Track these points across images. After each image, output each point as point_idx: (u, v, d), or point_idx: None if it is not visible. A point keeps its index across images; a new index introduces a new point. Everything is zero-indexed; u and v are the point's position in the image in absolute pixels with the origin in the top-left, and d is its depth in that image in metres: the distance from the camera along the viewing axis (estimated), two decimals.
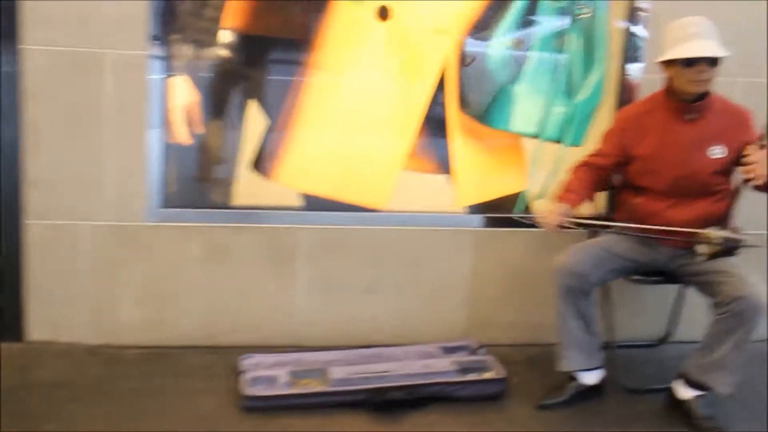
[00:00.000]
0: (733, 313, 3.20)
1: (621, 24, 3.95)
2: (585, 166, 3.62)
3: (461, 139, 3.95)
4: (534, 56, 3.92)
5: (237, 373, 3.56)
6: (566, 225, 3.39)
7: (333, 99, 3.81)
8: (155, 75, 3.61)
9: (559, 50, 3.94)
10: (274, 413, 3.27)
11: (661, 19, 3.62)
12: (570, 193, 3.50)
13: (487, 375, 3.60)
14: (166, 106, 3.67)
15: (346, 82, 3.80)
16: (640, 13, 3.92)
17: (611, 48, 3.98)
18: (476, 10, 3.84)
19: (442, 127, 3.92)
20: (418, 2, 3.78)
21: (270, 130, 3.78)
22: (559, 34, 3.92)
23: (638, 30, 3.94)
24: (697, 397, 3.38)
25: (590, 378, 3.52)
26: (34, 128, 3.56)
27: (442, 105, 3.90)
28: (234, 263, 3.82)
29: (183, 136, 3.72)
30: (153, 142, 3.67)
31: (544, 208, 3.42)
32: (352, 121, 3.84)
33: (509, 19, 3.87)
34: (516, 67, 3.92)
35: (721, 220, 3.44)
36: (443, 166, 3.97)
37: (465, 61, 3.86)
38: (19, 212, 3.62)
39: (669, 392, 3.49)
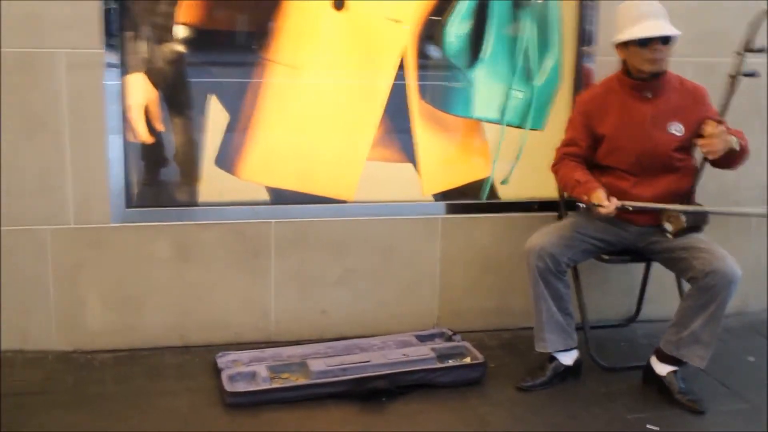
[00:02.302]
0: (705, 288, 3.27)
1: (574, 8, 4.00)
2: (566, 159, 3.61)
3: (424, 127, 3.95)
4: (491, 42, 3.93)
5: (213, 371, 3.51)
6: (621, 208, 3.37)
7: (294, 91, 3.78)
8: (111, 73, 3.53)
9: (515, 35, 3.97)
10: (257, 409, 3.23)
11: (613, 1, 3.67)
12: (590, 183, 3.44)
13: (466, 360, 3.62)
14: (124, 105, 3.59)
15: (305, 73, 3.77)
16: None
17: (566, 32, 4.02)
18: None
19: (404, 116, 3.92)
20: None
21: (232, 126, 3.73)
22: (515, 19, 3.95)
23: (591, 13, 3.99)
24: (673, 372, 3.44)
25: (567, 359, 3.56)
26: None
27: (404, 94, 3.89)
28: (203, 261, 3.76)
29: (143, 134, 3.65)
30: (113, 141, 3.58)
31: (596, 197, 3.35)
32: (314, 113, 3.81)
33: (464, 5, 3.88)
34: (474, 53, 3.93)
35: (685, 196, 3.51)
36: (407, 154, 3.97)
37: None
38: None
39: (645, 369, 3.55)
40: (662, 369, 3.46)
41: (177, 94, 3.68)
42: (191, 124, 3.71)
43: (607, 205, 3.31)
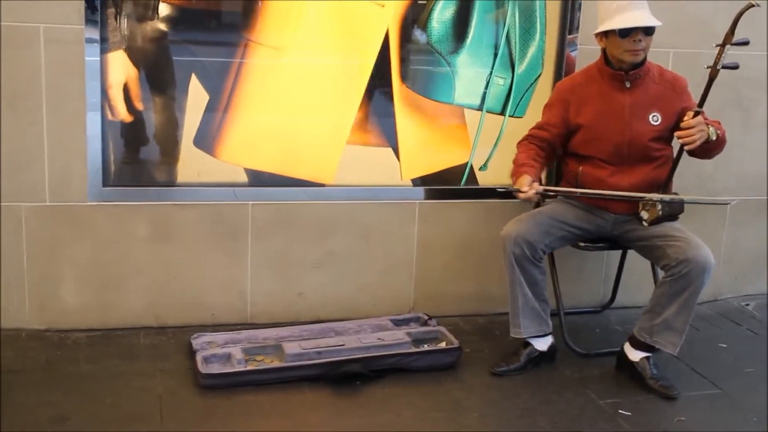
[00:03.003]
0: (679, 275, 3.30)
1: None
2: (527, 140, 3.66)
3: (404, 112, 3.95)
4: (475, 28, 3.93)
5: (188, 352, 3.51)
6: (542, 193, 3.42)
7: (275, 73, 3.76)
8: (91, 49, 3.49)
9: (499, 22, 3.97)
10: (231, 391, 3.23)
11: None
12: (524, 167, 3.50)
13: (441, 345, 3.63)
14: (104, 82, 3.57)
15: (287, 55, 3.76)
16: None
17: (549, 20, 4.02)
18: None
19: (385, 100, 3.91)
20: None
21: (211, 106, 3.71)
22: (499, 6, 3.94)
23: (575, 2, 3.99)
24: (646, 358, 3.47)
25: (542, 344, 3.58)
26: None
27: (385, 78, 3.89)
28: (180, 241, 3.75)
29: (122, 113, 3.62)
30: (92, 118, 3.55)
31: (518, 182, 3.42)
32: (294, 96, 3.80)
33: None
34: (458, 38, 3.93)
35: (663, 185, 3.53)
36: (387, 139, 3.96)
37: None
38: None
39: (619, 355, 3.58)
40: (635, 355, 3.49)
41: (158, 73, 3.65)
42: (171, 103, 3.68)
43: (525, 191, 3.35)
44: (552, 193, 3.52)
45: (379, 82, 3.87)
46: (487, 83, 4.02)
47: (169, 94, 3.67)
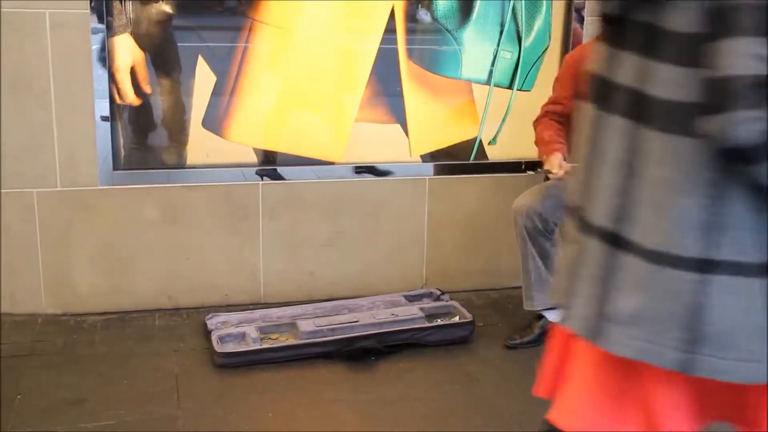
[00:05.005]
0: None
1: None
2: (546, 117, 3.60)
3: (412, 88, 3.94)
4: (480, 3, 3.91)
5: (203, 333, 3.52)
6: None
7: (282, 52, 3.76)
8: (98, 33, 3.49)
9: None
10: (247, 369, 3.25)
11: None
12: (552, 144, 3.43)
13: (454, 319, 3.64)
14: (111, 66, 3.57)
15: (293, 34, 3.75)
16: None
17: None
18: None
19: (393, 77, 3.90)
20: None
21: (219, 87, 3.71)
22: None
23: None
24: None
25: (555, 316, 3.57)
26: None
27: (392, 55, 3.88)
28: (191, 223, 3.76)
29: (130, 96, 3.63)
30: (100, 103, 3.55)
31: (548, 162, 3.39)
32: (302, 74, 3.80)
33: None
34: (463, 13, 3.91)
35: None
36: (396, 115, 3.96)
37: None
38: None
39: None
40: None
41: (164, 56, 3.65)
42: (179, 86, 3.69)
43: (556, 172, 3.32)
44: None
45: (386, 59, 3.86)
46: (494, 57, 4.00)
47: (176, 77, 3.67)
